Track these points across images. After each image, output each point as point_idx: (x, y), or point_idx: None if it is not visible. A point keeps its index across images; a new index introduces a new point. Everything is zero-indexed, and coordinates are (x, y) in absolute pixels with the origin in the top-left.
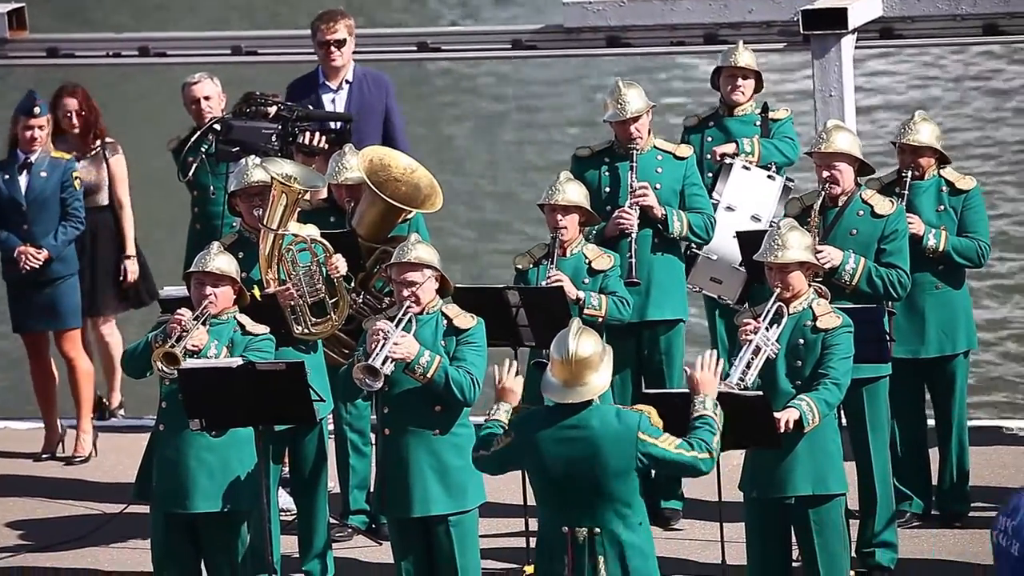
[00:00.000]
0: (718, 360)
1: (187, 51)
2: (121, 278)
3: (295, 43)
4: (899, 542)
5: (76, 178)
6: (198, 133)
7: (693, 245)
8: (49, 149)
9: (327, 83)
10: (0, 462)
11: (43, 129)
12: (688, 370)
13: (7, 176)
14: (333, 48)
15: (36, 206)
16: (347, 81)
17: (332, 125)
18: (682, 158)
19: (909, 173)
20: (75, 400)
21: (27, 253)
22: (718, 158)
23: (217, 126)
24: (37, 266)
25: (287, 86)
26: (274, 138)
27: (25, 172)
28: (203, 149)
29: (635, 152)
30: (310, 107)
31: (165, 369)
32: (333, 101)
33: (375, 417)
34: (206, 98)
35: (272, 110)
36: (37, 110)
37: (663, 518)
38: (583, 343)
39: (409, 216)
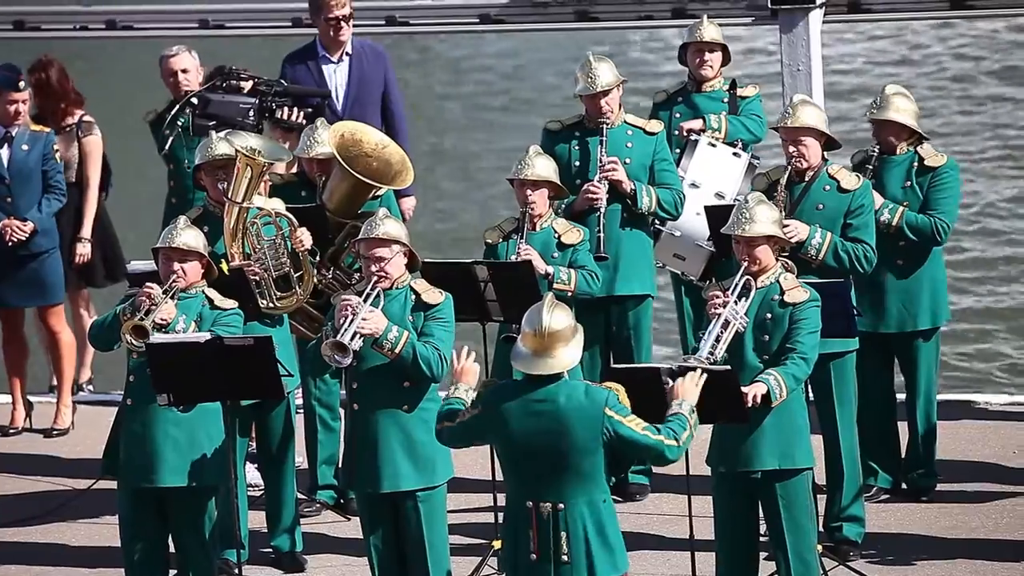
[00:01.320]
0: (701, 376)
1: (154, 24)
2: (72, 258)
3: (262, 16)
4: (866, 516)
5: (56, 151)
6: (176, 107)
7: (657, 221)
8: (28, 123)
9: (327, 55)
10: None
11: (25, 103)
12: (670, 381)
13: None
14: (342, 23)
15: (19, 179)
16: (347, 53)
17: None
18: (652, 133)
19: (877, 148)
20: (57, 374)
21: (12, 226)
22: (685, 134)
23: (194, 100)
24: (23, 238)
25: (284, 58)
26: (251, 113)
27: (6, 146)
28: (179, 123)
29: (605, 126)
30: (283, 81)
31: (134, 342)
32: (335, 73)
33: (344, 392)
34: (183, 71)
35: (246, 85)
36: (22, 84)
37: (630, 493)
38: (556, 316)
39: (380, 192)
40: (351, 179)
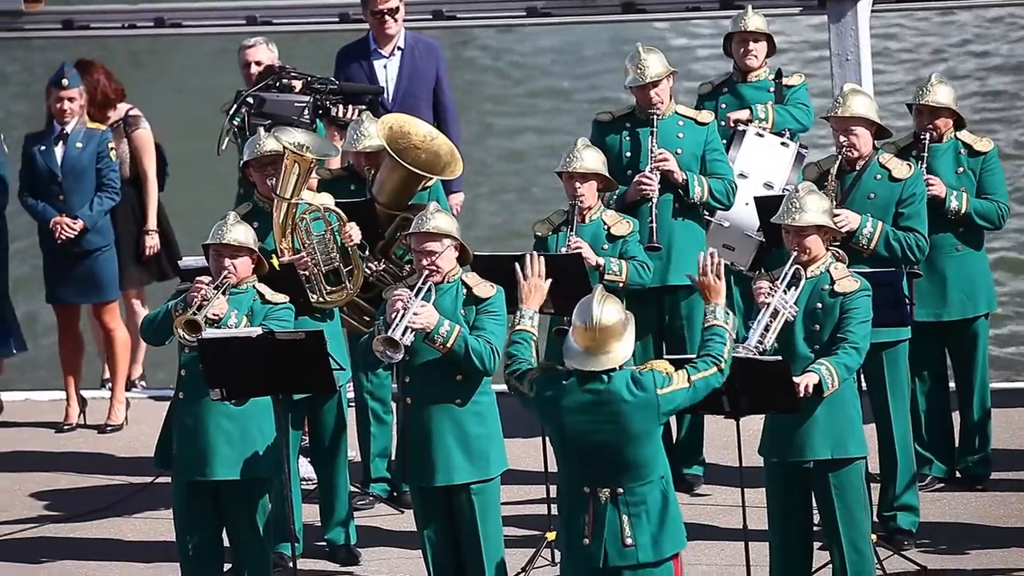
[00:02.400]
0: (716, 258)
1: (202, 21)
2: (141, 252)
3: (310, 12)
4: (921, 505)
5: (111, 149)
6: (232, 108)
7: (707, 212)
8: (85, 120)
9: (379, 50)
10: (22, 433)
11: (74, 101)
12: (692, 277)
13: (43, 147)
14: (387, 16)
15: (72, 177)
16: (399, 48)
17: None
18: (703, 124)
19: (927, 135)
20: (111, 370)
21: (62, 223)
22: (732, 124)
23: (250, 100)
24: (72, 236)
25: (337, 53)
26: (306, 111)
27: (61, 143)
28: (235, 123)
29: (655, 117)
30: (334, 79)
31: (187, 337)
32: (385, 67)
33: (396, 386)
34: (257, 63)
35: (298, 84)
36: (66, 82)
37: (685, 484)
38: (607, 310)
39: (429, 184)
40: (401, 171)
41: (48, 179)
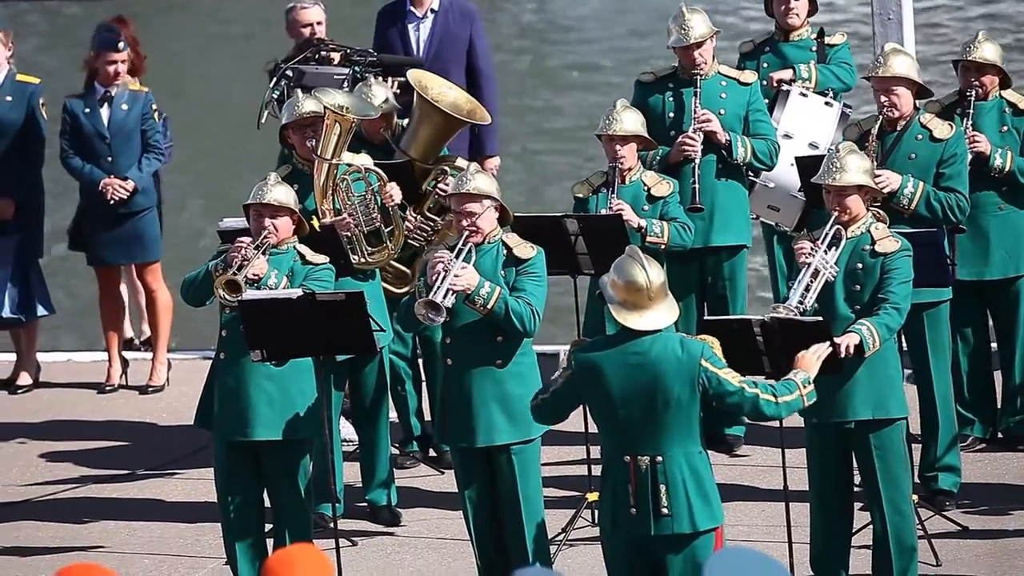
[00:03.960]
0: (826, 349)
1: None
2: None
3: None
4: (962, 466)
5: (155, 111)
6: (272, 81)
7: (751, 173)
8: (127, 81)
9: (413, 11)
10: (65, 394)
11: (124, 63)
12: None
13: (88, 109)
14: None
15: (119, 138)
16: (432, 10)
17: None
18: (746, 84)
19: (973, 92)
20: (152, 331)
21: (113, 184)
22: (775, 84)
23: (289, 73)
24: (124, 197)
25: (377, 13)
26: (345, 83)
27: (106, 105)
28: (274, 96)
29: (699, 78)
30: (371, 51)
31: (227, 297)
32: (418, 29)
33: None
34: (318, 23)
35: (336, 56)
36: (121, 45)
37: (726, 444)
38: (652, 269)
39: (455, 134)
40: (437, 117)
41: (96, 141)
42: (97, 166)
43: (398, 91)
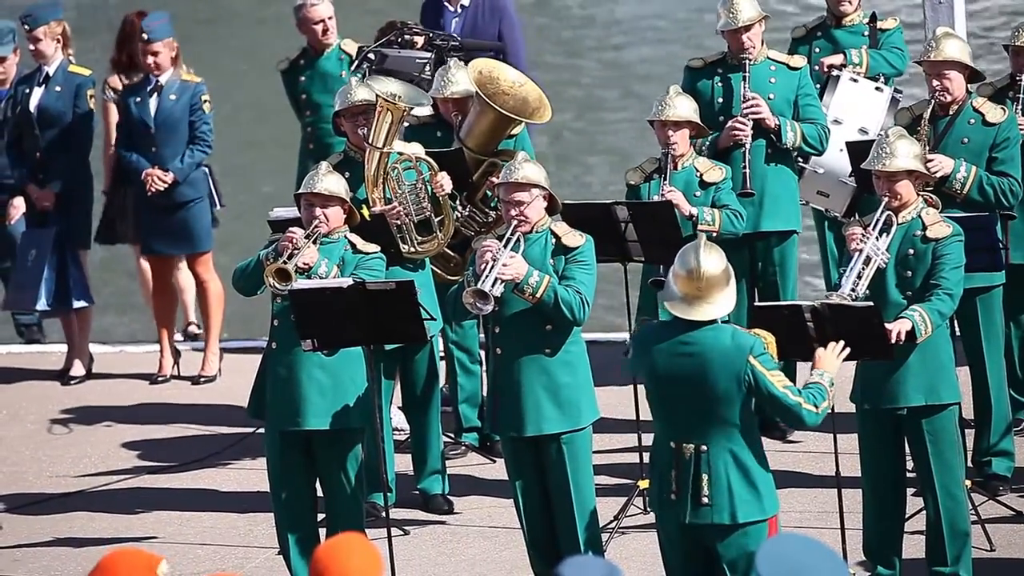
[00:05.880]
0: (843, 349)
1: None
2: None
3: None
4: (1016, 451)
5: (206, 101)
6: (355, 63)
7: (800, 158)
8: (180, 72)
9: (447, 5)
10: (117, 385)
11: (159, 55)
12: (817, 350)
13: (138, 99)
14: None
15: (164, 129)
16: (462, 5)
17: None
18: (796, 68)
19: (1023, 77)
20: (204, 322)
21: (153, 175)
22: (826, 69)
23: (371, 56)
24: (162, 189)
25: (421, 6)
26: (427, 68)
27: (155, 95)
28: (357, 78)
29: (747, 62)
30: (454, 36)
31: (277, 285)
32: (451, 24)
33: (483, 336)
34: (330, 18)
35: (419, 40)
36: (145, 36)
37: (779, 431)
38: (711, 259)
39: (515, 132)
40: (491, 114)
41: (142, 131)
42: (143, 156)
43: (448, 67)
